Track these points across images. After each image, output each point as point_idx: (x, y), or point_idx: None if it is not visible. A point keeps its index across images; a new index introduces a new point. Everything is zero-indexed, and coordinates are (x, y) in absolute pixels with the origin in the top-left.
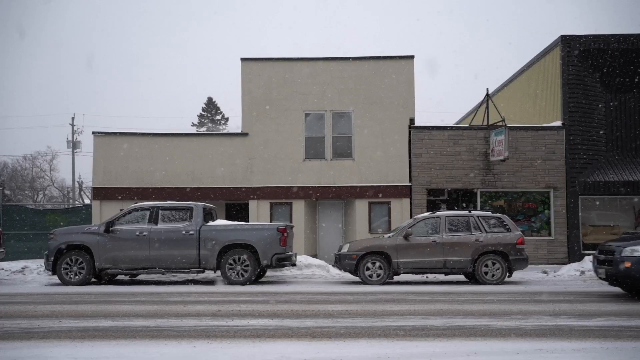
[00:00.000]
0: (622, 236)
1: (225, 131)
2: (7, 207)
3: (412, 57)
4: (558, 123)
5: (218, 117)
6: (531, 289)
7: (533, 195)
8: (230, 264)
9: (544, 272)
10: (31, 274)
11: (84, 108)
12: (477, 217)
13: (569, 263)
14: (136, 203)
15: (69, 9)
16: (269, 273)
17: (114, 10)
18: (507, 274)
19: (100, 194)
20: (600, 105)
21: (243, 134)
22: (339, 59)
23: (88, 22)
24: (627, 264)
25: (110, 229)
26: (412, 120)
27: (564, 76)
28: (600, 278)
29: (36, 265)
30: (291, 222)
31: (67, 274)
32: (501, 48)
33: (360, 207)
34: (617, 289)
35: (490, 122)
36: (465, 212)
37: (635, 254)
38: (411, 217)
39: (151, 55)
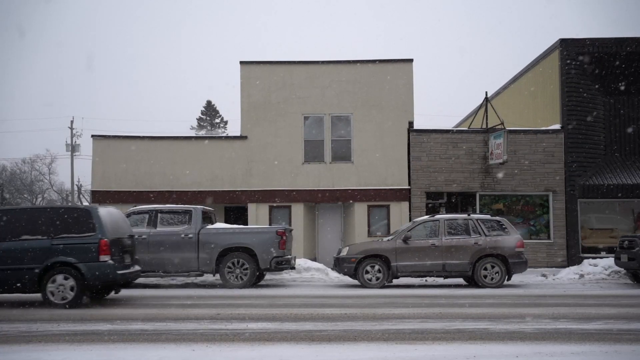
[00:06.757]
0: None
1: (224, 134)
2: None
3: (411, 60)
4: (557, 126)
5: (217, 121)
6: (530, 292)
7: (532, 198)
8: (229, 267)
9: (543, 275)
10: None
11: (83, 111)
12: (476, 220)
13: (568, 266)
14: (135, 206)
15: (69, 9)
16: (267, 276)
17: (113, 12)
18: (507, 277)
19: (99, 197)
20: (599, 109)
21: (242, 137)
22: (338, 62)
23: (88, 22)
24: None
25: None
26: (411, 124)
27: (563, 79)
28: None
29: None
30: (290, 225)
31: None
32: (501, 50)
33: (359, 211)
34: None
35: (489, 125)
36: (465, 216)
37: None
38: (410, 220)
39: (150, 58)
